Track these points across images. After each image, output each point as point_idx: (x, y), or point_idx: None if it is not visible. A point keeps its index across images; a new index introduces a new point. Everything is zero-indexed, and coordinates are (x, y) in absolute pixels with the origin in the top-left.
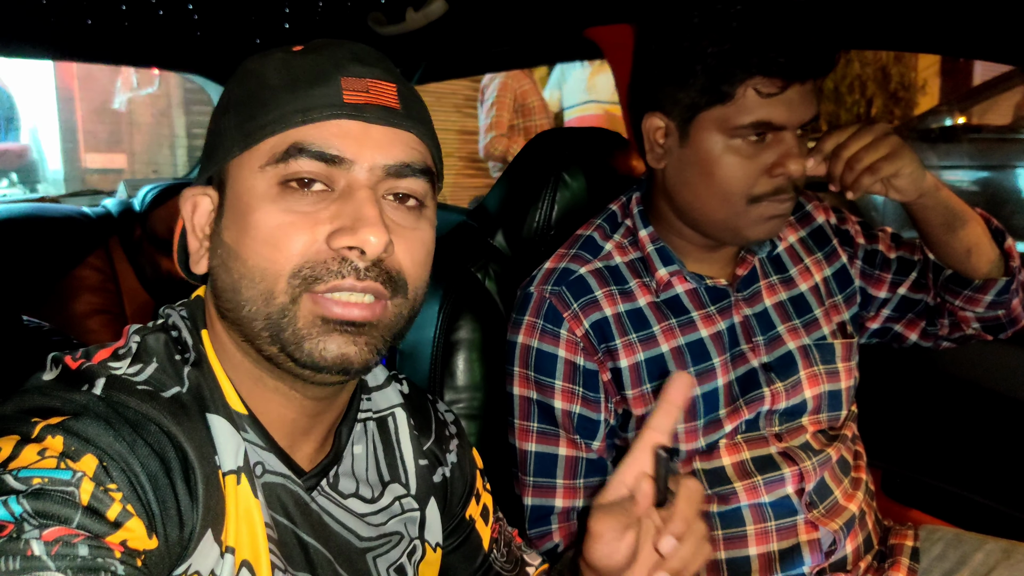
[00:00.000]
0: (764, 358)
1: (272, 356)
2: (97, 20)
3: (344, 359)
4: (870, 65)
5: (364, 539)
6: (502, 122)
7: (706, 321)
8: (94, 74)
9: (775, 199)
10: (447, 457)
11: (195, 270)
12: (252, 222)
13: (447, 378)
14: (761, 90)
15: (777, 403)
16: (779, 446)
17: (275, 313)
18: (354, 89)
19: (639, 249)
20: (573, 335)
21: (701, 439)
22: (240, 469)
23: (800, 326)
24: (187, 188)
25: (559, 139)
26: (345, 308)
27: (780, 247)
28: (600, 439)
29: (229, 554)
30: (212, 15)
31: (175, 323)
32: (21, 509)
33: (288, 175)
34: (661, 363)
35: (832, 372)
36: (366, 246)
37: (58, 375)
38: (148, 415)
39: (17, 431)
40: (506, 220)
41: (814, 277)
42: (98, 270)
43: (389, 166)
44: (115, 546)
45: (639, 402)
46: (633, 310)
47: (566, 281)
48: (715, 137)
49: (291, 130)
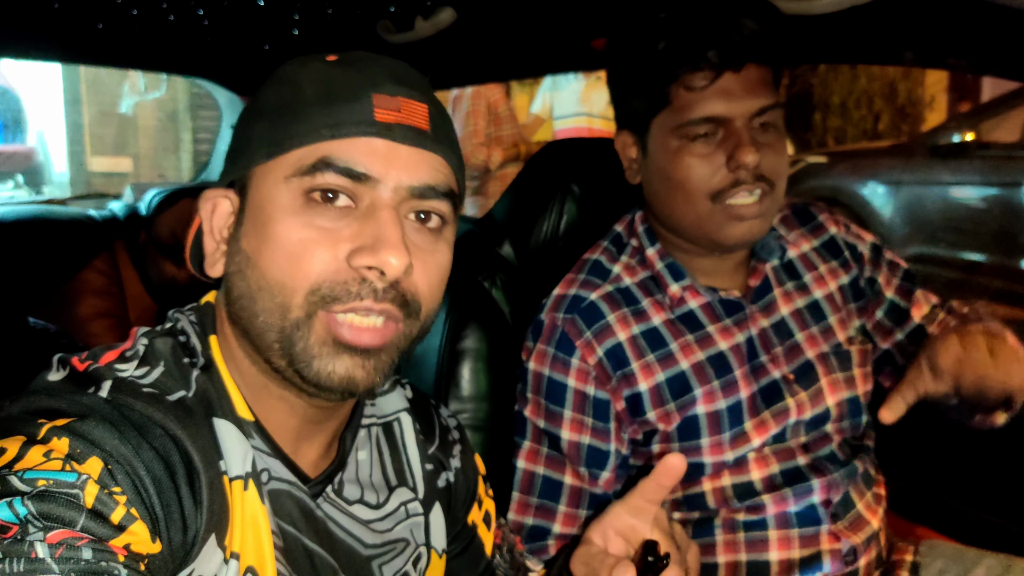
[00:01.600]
0: (785, 368)
1: (280, 369)
2: (107, 24)
3: (351, 381)
4: (877, 80)
5: (369, 546)
6: (479, 131)
7: (723, 334)
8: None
9: (738, 193)
10: (450, 462)
11: (210, 272)
12: (273, 232)
13: (452, 387)
14: (693, 85)
15: (803, 413)
16: (806, 457)
17: (289, 327)
18: (385, 107)
19: (648, 268)
20: (585, 363)
21: (728, 452)
22: (248, 475)
23: (818, 333)
24: (208, 189)
25: (568, 150)
26: (356, 333)
27: (791, 254)
28: (610, 470)
29: (234, 560)
30: (221, 20)
31: (183, 328)
32: (26, 511)
33: (313, 187)
34: (683, 380)
35: (849, 379)
36: (386, 267)
37: (65, 376)
38: (153, 418)
39: (23, 432)
40: (514, 230)
41: (828, 285)
42: (103, 274)
43: (414, 187)
44: (119, 549)
45: (664, 420)
46: (648, 330)
47: (578, 308)
48: (668, 142)
49: (320, 143)
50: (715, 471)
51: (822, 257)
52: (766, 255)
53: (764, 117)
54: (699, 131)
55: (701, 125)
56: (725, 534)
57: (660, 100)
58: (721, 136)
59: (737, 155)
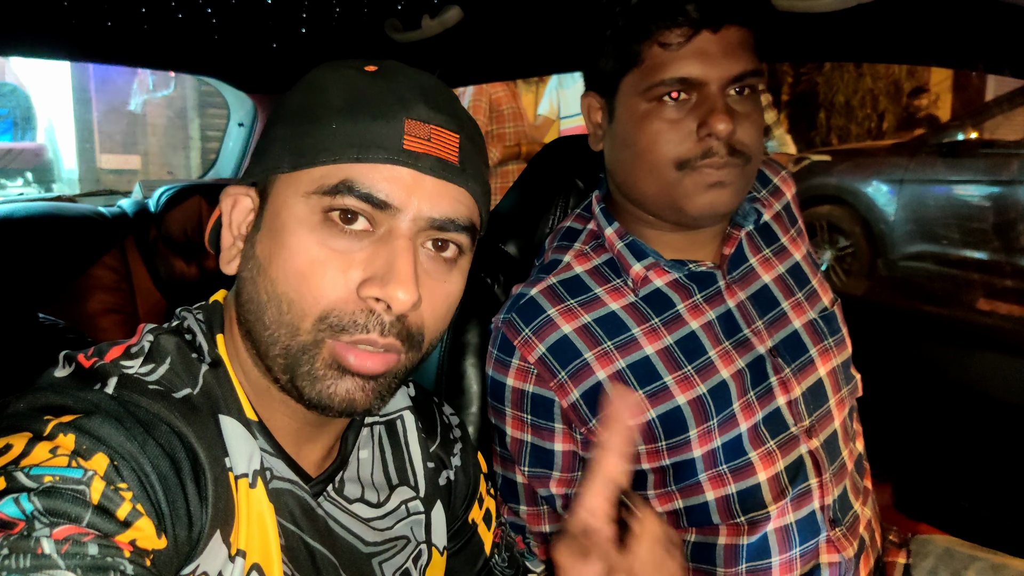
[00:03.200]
0: (770, 342)
1: (280, 381)
2: (116, 22)
3: (350, 403)
4: (882, 79)
5: (370, 544)
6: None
7: (694, 312)
8: (111, 76)
9: (708, 164)
10: (452, 460)
11: (224, 268)
12: (287, 244)
13: (453, 383)
14: (667, 42)
15: (790, 391)
16: (810, 444)
17: (296, 348)
18: (415, 135)
19: (607, 250)
20: (525, 362)
21: (717, 439)
22: (256, 473)
23: (804, 299)
24: (231, 186)
25: (573, 146)
26: (361, 359)
27: (766, 216)
28: (559, 469)
29: (240, 557)
30: (229, 19)
31: (190, 327)
32: (32, 507)
33: (332, 207)
34: (648, 366)
35: (839, 341)
36: (393, 302)
37: (71, 373)
38: (159, 415)
39: (29, 428)
40: (518, 227)
41: (802, 248)
42: (112, 270)
43: (434, 219)
44: (124, 545)
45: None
46: (604, 316)
47: (516, 307)
48: (635, 104)
49: (343, 165)
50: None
51: (790, 220)
52: (741, 220)
53: (742, 83)
54: (670, 92)
55: (673, 86)
56: (727, 568)
57: (630, 58)
58: (694, 101)
59: (710, 122)
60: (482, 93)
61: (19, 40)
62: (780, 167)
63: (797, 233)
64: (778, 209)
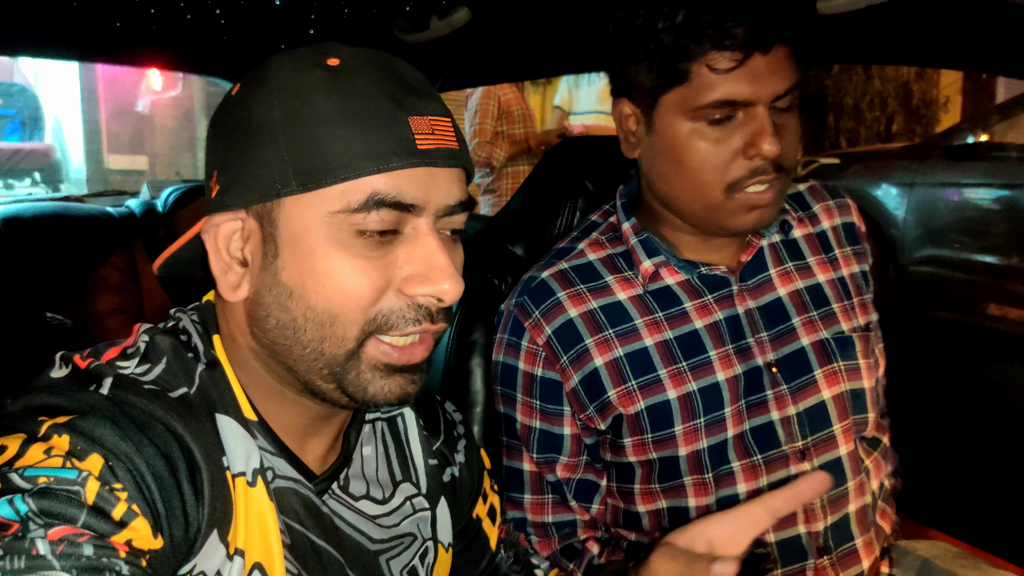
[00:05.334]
0: (770, 356)
1: (321, 390)
2: (124, 23)
3: (405, 397)
4: (891, 82)
5: (376, 541)
6: (485, 129)
7: (701, 312)
8: (118, 76)
9: (755, 183)
10: (455, 457)
11: (231, 296)
12: (321, 268)
13: (459, 382)
14: (717, 66)
15: (784, 408)
16: (800, 467)
17: (341, 356)
18: (423, 132)
19: (622, 243)
20: (534, 344)
21: (703, 439)
22: (256, 472)
23: (818, 319)
24: (211, 217)
25: (582, 147)
26: (407, 353)
27: (797, 232)
28: (567, 454)
29: (239, 557)
30: (238, 20)
31: (185, 327)
32: (26, 508)
33: (367, 226)
34: (644, 357)
35: (853, 369)
36: (445, 296)
37: (67, 374)
38: (154, 415)
39: (24, 429)
40: (527, 228)
41: (840, 270)
42: (120, 270)
43: (449, 206)
44: (120, 546)
45: (626, 400)
46: (608, 304)
47: (528, 290)
48: (679, 122)
49: (365, 178)
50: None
51: (838, 239)
52: (764, 231)
53: (786, 98)
54: (717, 115)
55: (721, 108)
56: None
57: (674, 76)
58: (740, 119)
59: (759, 144)
60: (490, 96)
61: (28, 40)
62: (828, 196)
63: (831, 259)
64: (812, 231)
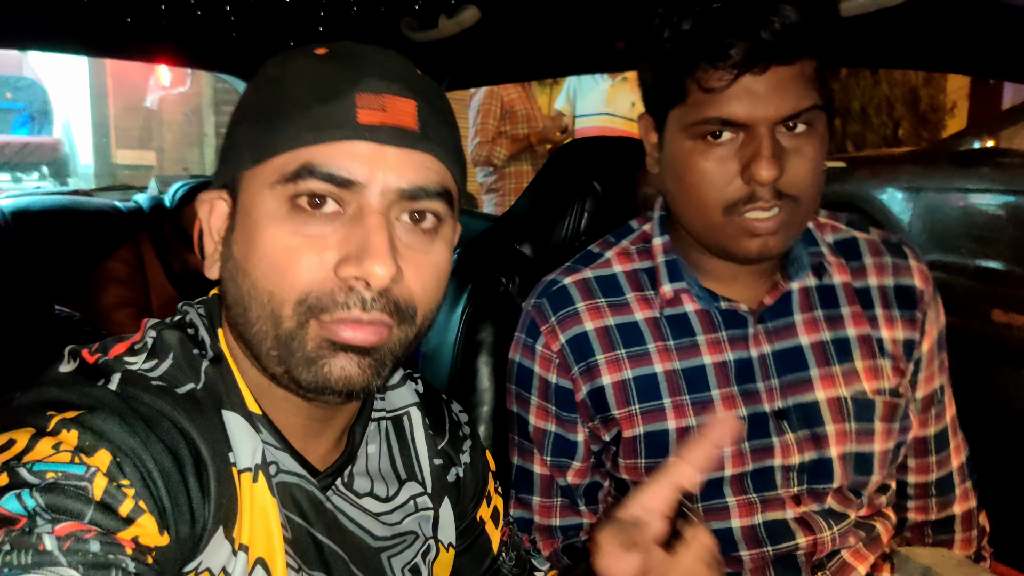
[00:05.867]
0: (778, 404)
1: (277, 375)
2: (134, 18)
3: (348, 381)
4: (898, 87)
5: (379, 539)
6: (487, 129)
7: (712, 348)
8: (127, 72)
9: (755, 209)
10: (460, 457)
11: (209, 274)
12: (260, 240)
13: (466, 382)
14: (708, 84)
15: (789, 457)
16: (796, 510)
17: (284, 336)
18: (369, 107)
19: (650, 257)
20: (548, 350)
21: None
22: (257, 467)
23: (839, 374)
24: (204, 191)
25: (590, 148)
26: (352, 330)
27: (837, 278)
28: (580, 460)
29: (243, 552)
30: (247, 17)
31: (192, 320)
32: (34, 503)
33: (297, 193)
34: (652, 383)
35: (866, 432)
36: (371, 278)
37: (75, 369)
38: (162, 411)
39: (32, 424)
40: (534, 228)
41: (880, 331)
42: (127, 264)
43: (403, 190)
44: (126, 542)
45: (628, 423)
46: (626, 324)
47: (548, 293)
48: (680, 139)
49: (302, 149)
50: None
51: (885, 300)
52: (793, 273)
53: (798, 119)
54: (714, 132)
55: (716, 125)
56: None
57: (676, 92)
58: (741, 140)
59: (753, 168)
60: (493, 96)
61: (37, 35)
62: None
63: (870, 317)
64: (854, 283)
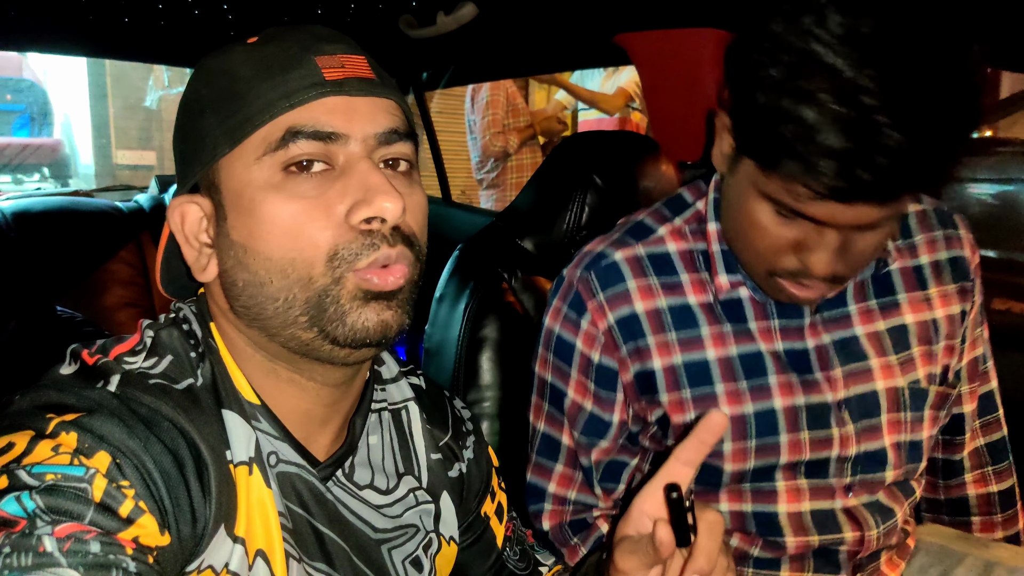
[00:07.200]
0: (841, 393)
1: (305, 343)
2: (133, 18)
3: (385, 326)
4: None
5: (379, 531)
6: (498, 120)
7: (765, 336)
8: (126, 72)
9: (796, 282)
10: (464, 453)
11: (202, 278)
12: (263, 215)
13: (469, 377)
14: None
15: (847, 448)
16: (847, 501)
17: (314, 296)
18: (331, 67)
19: (704, 240)
20: (594, 327)
21: (751, 461)
22: (252, 460)
23: (896, 364)
24: (174, 199)
25: (591, 142)
26: (384, 276)
27: (894, 265)
28: (609, 439)
29: (240, 544)
30: (245, 16)
31: (186, 316)
32: (34, 505)
33: (289, 160)
34: (704, 370)
35: (917, 420)
36: (385, 213)
37: (75, 371)
38: (161, 412)
39: (32, 427)
40: (535, 223)
41: (936, 311)
42: (129, 264)
43: (380, 134)
44: (127, 543)
45: (676, 408)
46: (678, 307)
47: (596, 267)
48: (749, 188)
49: (280, 117)
50: (734, 482)
51: (938, 275)
52: None
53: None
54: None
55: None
56: None
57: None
58: (808, 226)
59: (812, 259)
60: (499, 88)
61: (37, 36)
62: (936, 225)
63: (926, 299)
64: (909, 265)
